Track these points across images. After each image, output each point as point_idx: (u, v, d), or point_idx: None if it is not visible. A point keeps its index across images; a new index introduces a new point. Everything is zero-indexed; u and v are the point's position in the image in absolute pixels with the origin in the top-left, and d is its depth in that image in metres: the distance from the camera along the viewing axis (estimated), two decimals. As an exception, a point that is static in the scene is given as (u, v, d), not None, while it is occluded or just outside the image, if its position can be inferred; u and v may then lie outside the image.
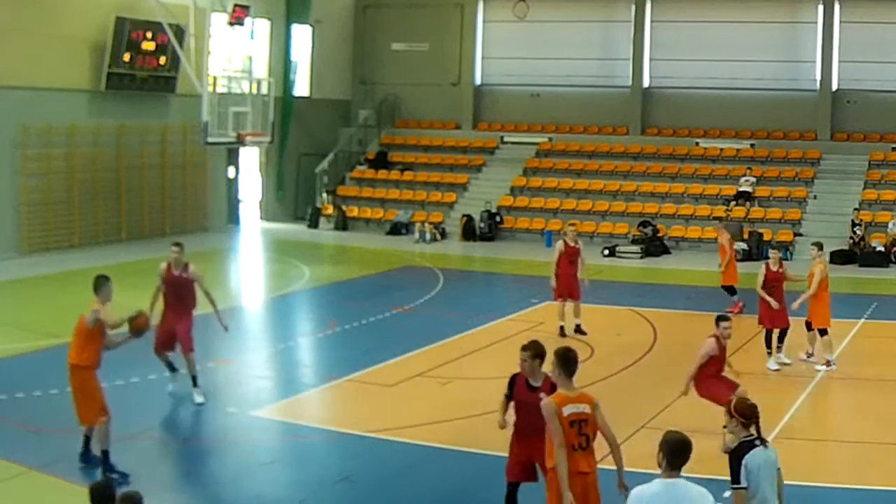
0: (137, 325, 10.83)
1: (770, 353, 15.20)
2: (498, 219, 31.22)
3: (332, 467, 11.06)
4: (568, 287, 17.40)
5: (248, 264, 28.68)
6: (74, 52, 25.95)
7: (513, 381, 8.83)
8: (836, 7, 31.29)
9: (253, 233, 32.41)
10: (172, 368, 13.30)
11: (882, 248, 26.68)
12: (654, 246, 28.35)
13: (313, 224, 33.11)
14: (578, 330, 17.37)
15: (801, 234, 28.22)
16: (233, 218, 32.69)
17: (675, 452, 6.09)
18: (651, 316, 19.04)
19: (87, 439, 10.63)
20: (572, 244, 17.53)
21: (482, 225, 31.09)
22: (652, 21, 33.74)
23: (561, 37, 34.49)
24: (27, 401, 12.83)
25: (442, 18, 36.25)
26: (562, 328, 17.21)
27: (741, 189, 30.03)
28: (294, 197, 34.72)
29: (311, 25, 34.59)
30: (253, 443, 11.95)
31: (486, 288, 23.70)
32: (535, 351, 8.61)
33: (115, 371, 14.01)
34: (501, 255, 27.93)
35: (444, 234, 31.23)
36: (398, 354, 15.85)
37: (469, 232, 31.01)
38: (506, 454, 8.91)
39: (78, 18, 25.84)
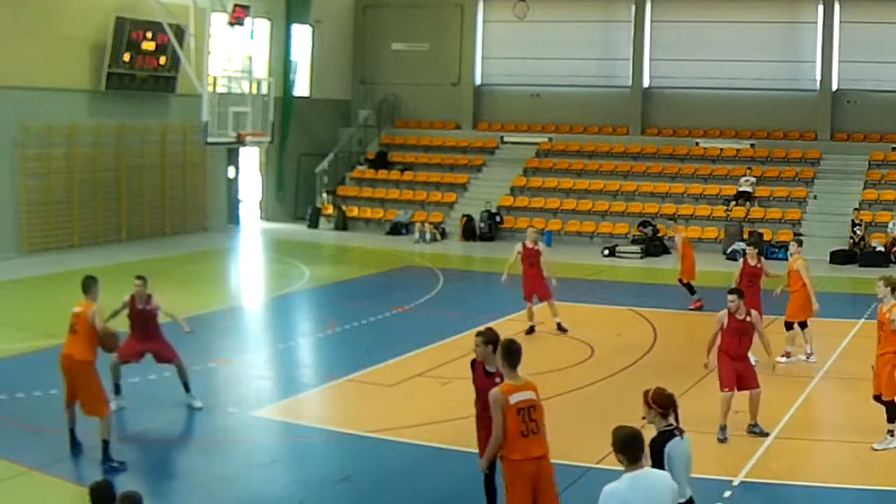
0: (105, 345, 10.90)
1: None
2: (498, 219, 31.21)
3: (332, 467, 11.06)
4: (532, 289, 17.61)
5: (248, 264, 28.68)
6: (74, 52, 25.95)
7: (472, 367, 9.12)
8: (836, 7, 31.28)
9: (253, 233, 32.40)
10: (118, 390, 12.63)
11: (882, 248, 26.67)
12: (654, 246, 28.34)
13: (313, 224, 33.11)
14: (560, 328, 17.52)
15: (801, 234, 28.21)
16: (233, 218, 32.68)
17: (632, 447, 6.23)
18: (651, 316, 19.04)
19: (73, 432, 10.89)
20: (531, 246, 17.66)
21: (482, 225, 31.09)
22: (652, 21, 33.73)
23: (561, 37, 34.49)
24: (27, 401, 12.83)
25: (442, 18, 36.24)
26: (532, 328, 17.48)
27: (741, 189, 30.03)
28: (294, 197, 34.72)
29: (311, 25, 34.59)
30: (253, 443, 11.94)
31: (486, 288, 23.66)
32: (487, 337, 8.88)
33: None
34: (501, 255, 27.78)
35: (444, 234, 31.23)
36: (398, 354, 15.85)
37: (469, 232, 31.01)
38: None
39: (78, 18, 25.84)
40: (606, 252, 27.95)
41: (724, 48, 32.46)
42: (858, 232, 27.17)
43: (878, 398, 11.46)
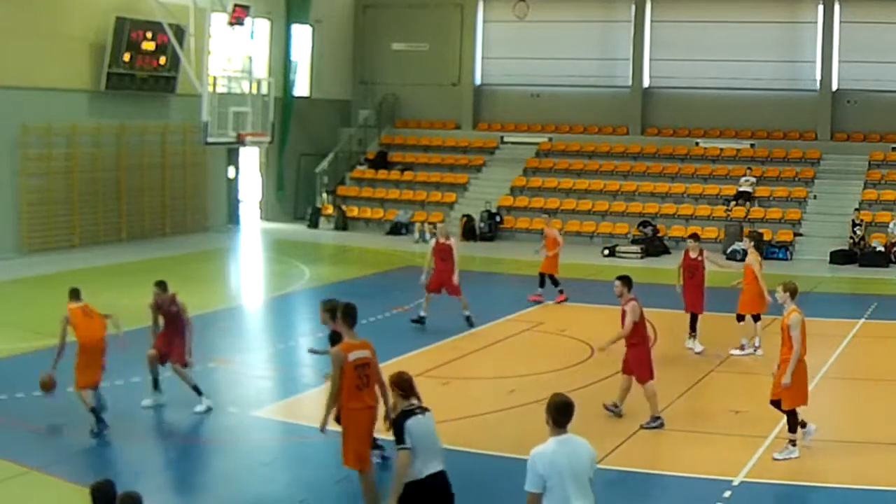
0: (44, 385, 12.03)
1: (694, 336, 16.23)
2: (498, 219, 31.21)
3: (332, 467, 11.03)
4: (440, 283, 17.95)
5: (248, 264, 28.67)
6: (74, 52, 25.95)
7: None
8: (836, 7, 31.29)
9: (253, 233, 32.40)
10: (156, 385, 12.97)
11: (882, 248, 26.68)
12: (653, 246, 28.34)
13: (313, 224, 33.10)
14: (468, 321, 17.76)
15: (801, 234, 28.25)
16: (233, 218, 32.68)
17: (561, 412, 6.84)
18: (651, 316, 18.96)
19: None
20: (443, 241, 18.02)
21: (482, 225, 31.08)
22: (652, 21, 33.74)
23: (561, 37, 34.50)
24: (27, 401, 12.83)
25: (442, 18, 36.24)
26: (422, 318, 17.85)
27: (741, 189, 30.03)
28: (294, 197, 34.71)
29: (311, 25, 34.60)
30: (253, 443, 11.94)
31: (486, 288, 23.63)
32: (325, 306, 10.87)
33: (115, 371, 14.01)
34: (501, 255, 27.92)
35: (444, 234, 31.18)
36: (398, 354, 15.83)
37: (469, 232, 31.00)
38: (506, 454, 8.99)
39: (78, 18, 25.85)
40: (606, 252, 27.95)
41: (724, 48, 32.46)
42: (858, 232, 27.18)
43: (775, 403, 11.21)
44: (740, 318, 16.13)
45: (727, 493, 10.01)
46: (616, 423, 12.37)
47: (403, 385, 7.95)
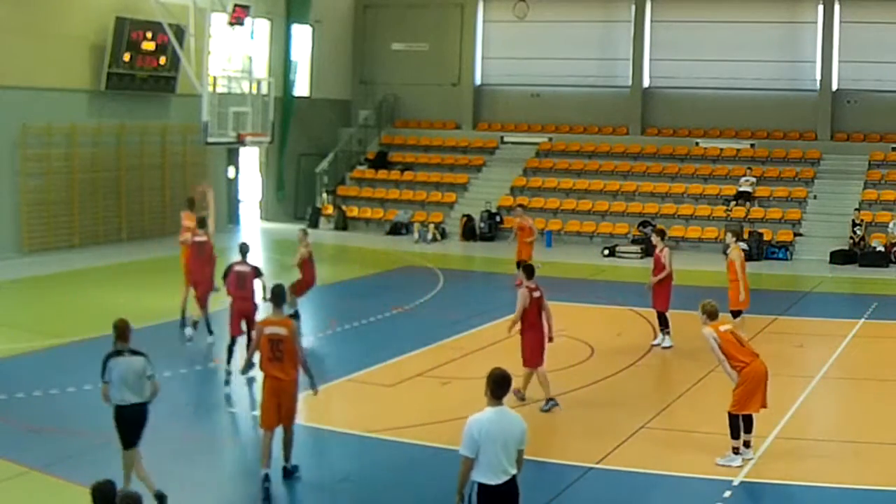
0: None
1: (666, 333, 16.59)
2: (498, 219, 31.21)
3: (332, 467, 11.06)
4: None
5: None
6: (74, 52, 25.94)
7: None
8: (836, 7, 31.28)
9: (253, 233, 32.38)
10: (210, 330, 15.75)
11: (882, 248, 26.68)
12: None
13: (313, 224, 33.06)
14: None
15: (801, 234, 28.25)
16: (233, 218, 32.67)
17: (498, 384, 7.27)
18: (651, 316, 19.01)
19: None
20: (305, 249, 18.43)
21: (482, 225, 31.09)
22: (652, 21, 33.73)
23: (561, 37, 34.49)
24: (27, 401, 12.83)
25: (442, 18, 36.25)
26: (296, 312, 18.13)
27: (741, 189, 30.03)
28: (294, 197, 34.71)
29: (311, 25, 34.59)
30: (253, 443, 11.93)
31: (486, 288, 23.68)
32: (241, 246, 13.46)
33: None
34: (501, 255, 27.87)
35: (444, 234, 31.23)
36: (398, 354, 15.85)
37: (469, 232, 31.02)
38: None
39: (78, 18, 25.84)
40: (606, 252, 27.95)
41: (724, 48, 32.45)
42: (858, 232, 27.18)
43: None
44: (734, 314, 15.89)
45: (727, 493, 10.01)
46: (616, 423, 12.37)
47: (119, 330, 9.45)
